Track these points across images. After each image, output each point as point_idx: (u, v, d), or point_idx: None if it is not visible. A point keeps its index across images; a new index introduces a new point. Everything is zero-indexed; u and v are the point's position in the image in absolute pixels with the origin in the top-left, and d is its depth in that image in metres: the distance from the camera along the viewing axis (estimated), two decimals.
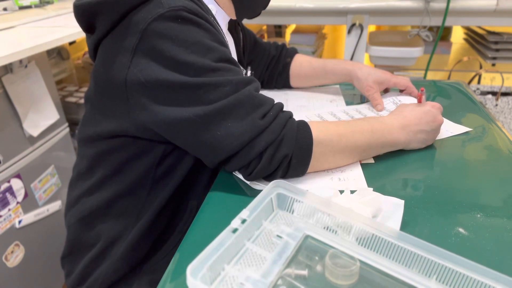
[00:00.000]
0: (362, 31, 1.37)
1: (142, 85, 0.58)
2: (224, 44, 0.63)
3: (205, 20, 0.61)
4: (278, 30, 1.83)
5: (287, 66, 1.01)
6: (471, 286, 0.41)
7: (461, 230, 0.53)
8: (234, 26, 0.88)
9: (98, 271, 0.73)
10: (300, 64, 1.01)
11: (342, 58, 1.45)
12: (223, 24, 0.75)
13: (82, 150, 0.74)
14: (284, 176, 0.63)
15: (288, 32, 1.77)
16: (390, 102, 0.91)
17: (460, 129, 0.82)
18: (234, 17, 0.77)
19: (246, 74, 0.92)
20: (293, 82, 1.03)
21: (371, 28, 1.70)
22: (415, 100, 0.90)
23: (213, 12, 0.71)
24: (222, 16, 0.75)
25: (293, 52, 1.03)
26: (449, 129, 0.82)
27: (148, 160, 0.68)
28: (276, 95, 1.01)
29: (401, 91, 0.95)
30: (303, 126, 0.62)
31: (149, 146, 0.67)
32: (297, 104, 0.96)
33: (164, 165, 0.69)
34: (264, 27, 1.81)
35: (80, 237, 0.75)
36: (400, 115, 0.71)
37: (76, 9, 0.64)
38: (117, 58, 0.60)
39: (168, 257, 0.74)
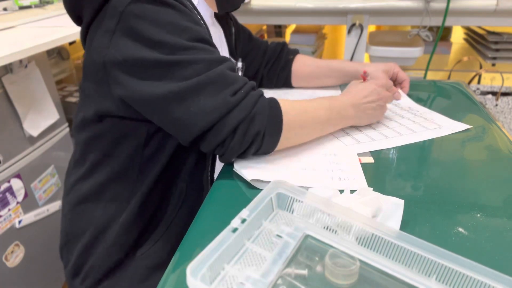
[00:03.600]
0: (362, 31, 1.37)
1: (120, 63, 0.62)
2: (200, 25, 0.66)
3: (179, 2, 0.63)
4: (278, 30, 1.83)
5: (289, 63, 1.02)
6: (471, 286, 0.41)
7: (461, 230, 0.53)
8: (226, 21, 0.91)
9: (92, 259, 0.74)
10: (304, 62, 1.02)
11: (342, 58, 1.45)
12: (207, 15, 0.80)
13: (76, 138, 0.77)
14: (256, 152, 0.66)
15: (288, 32, 1.77)
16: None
17: (459, 126, 0.82)
18: (215, 10, 0.80)
19: (236, 65, 0.93)
20: (295, 81, 1.04)
21: (371, 28, 1.70)
22: (411, 103, 0.96)
23: (195, 2, 0.74)
24: (205, 8, 0.79)
25: (295, 51, 1.04)
26: (450, 126, 0.82)
27: (135, 141, 0.71)
28: (277, 96, 1.01)
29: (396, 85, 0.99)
30: (274, 103, 0.65)
31: (133, 126, 0.70)
32: None
33: (150, 146, 0.72)
34: (264, 27, 1.81)
35: (73, 225, 0.77)
36: (350, 94, 0.78)
37: (64, 3, 0.69)
38: (99, 41, 0.64)
39: (161, 241, 0.76)
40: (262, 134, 0.63)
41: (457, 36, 1.78)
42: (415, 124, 0.85)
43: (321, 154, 0.73)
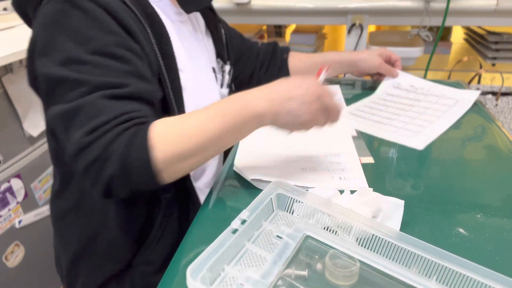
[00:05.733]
0: (362, 31, 1.37)
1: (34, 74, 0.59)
2: (117, 33, 0.58)
3: (102, 5, 0.57)
4: (278, 30, 1.83)
5: (284, 62, 1.01)
6: (471, 286, 0.41)
7: (461, 230, 0.53)
8: (214, 23, 0.88)
9: (83, 273, 0.73)
10: (300, 59, 1.01)
11: None
12: (170, 11, 0.73)
13: (49, 148, 0.75)
14: (122, 194, 0.56)
15: (288, 32, 1.77)
16: (390, 86, 1.00)
17: (471, 94, 0.92)
18: (178, 7, 0.74)
19: (223, 68, 0.88)
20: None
21: (371, 28, 1.70)
22: (413, 80, 1.03)
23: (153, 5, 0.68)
24: (168, 6, 0.72)
25: (287, 49, 1.03)
26: (464, 97, 0.92)
27: None
28: None
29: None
30: (138, 142, 0.53)
31: None
32: None
33: None
34: (264, 27, 1.80)
35: (59, 240, 0.76)
36: (271, 87, 0.60)
37: (12, 5, 0.67)
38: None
39: (156, 249, 0.73)
40: (120, 177, 0.53)
41: (457, 36, 1.78)
42: (436, 105, 0.91)
43: (322, 154, 0.73)
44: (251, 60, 0.99)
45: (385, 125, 0.84)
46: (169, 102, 0.66)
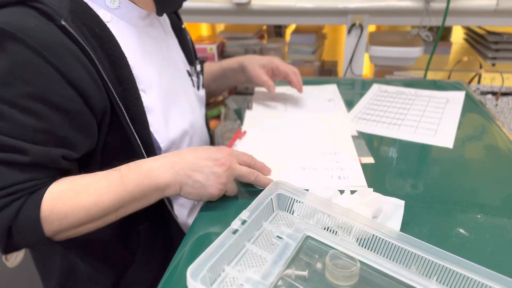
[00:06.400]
0: (362, 31, 1.37)
1: None
2: (62, 72, 0.51)
3: (31, 46, 0.49)
4: (278, 30, 1.83)
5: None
6: (471, 287, 0.41)
7: (461, 230, 0.53)
8: (179, 27, 0.83)
9: None
10: (205, 72, 0.97)
11: (342, 58, 1.45)
12: (134, 17, 0.65)
13: None
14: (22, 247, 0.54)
15: (288, 32, 1.77)
16: (377, 91, 1.01)
17: (457, 94, 0.98)
18: (153, 11, 0.65)
19: (195, 69, 0.84)
20: (211, 95, 1.03)
21: (371, 28, 1.70)
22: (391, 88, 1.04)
23: (113, 6, 0.61)
24: (130, 10, 0.63)
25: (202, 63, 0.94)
26: (453, 96, 0.96)
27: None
28: (276, 96, 1.01)
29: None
30: (27, 215, 0.50)
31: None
32: (296, 105, 0.96)
33: None
34: (264, 27, 1.80)
35: (41, 271, 0.77)
36: (178, 155, 0.58)
37: None
38: None
39: (141, 275, 0.71)
40: (9, 243, 0.52)
41: (457, 36, 1.78)
42: (431, 103, 0.94)
43: (321, 153, 0.73)
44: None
45: (400, 126, 0.84)
46: (127, 132, 0.61)
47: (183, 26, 0.85)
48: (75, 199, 0.52)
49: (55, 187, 0.53)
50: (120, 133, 0.61)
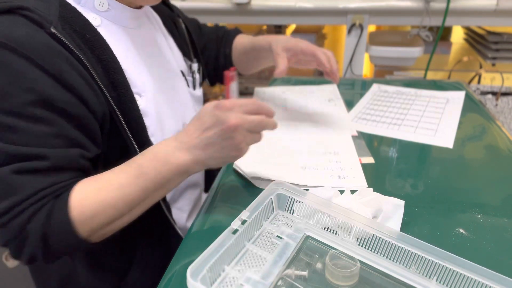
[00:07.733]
0: (362, 31, 1.37)
1: None
2: (57, 77, 0.51)
3: (24, 54, 0.49)
4: (278, 30, 1.83)
5: (228, 58, 0.95)
6: (471, 287, 0.41)
7: (461, 230, 0.53)
8: (173, 19, 0.81)
9: None
10: (237, 48, 0.94)
11: (342, 58, 1.45)
12: (125, 18, 0.64)
13: None
14: (51, 261, 0.54)
15: (288, 32, 1.77)
16: (377, 91, 1.01)
17: (457, 94, 0.97)
18: (140, 2, 0.65)
19: (192, 69, 0.82)
20: (242, 71, 0.98)
21: (371, 28, 1.70)
22: (396, 89, 1.03)
23: (103, 9, 0.61)
24: (120, 11, 0.63)
25: (232, 37, 0.92)
26: (453, 96, 0.96)
27: None
28: (276, 96, 1.01)
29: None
30: (58, 219, 0.50)
31: None
32: (296, 105, 0.96)
33: None
34: (264, 27, 1.80)
35: (36, 279, 0.75)
36: (187, 132, 0.55)
37: None
38: None
39: (139, 282, 0.70)
40: (41, 253, 0.51)
41: (457, 36, 1.78)
42: (431, 103, 0.94)
43: (321, 153, 0.73)
44: (212, 55, 0.93)
45: (400, 126, 0.84)
46: (124, 137, 0.60)
47: (180, 20, 0.83)
48: (100, 196, 0.52)
49: (79, 188, 0.53)
50: (118, 139, 0.60)
